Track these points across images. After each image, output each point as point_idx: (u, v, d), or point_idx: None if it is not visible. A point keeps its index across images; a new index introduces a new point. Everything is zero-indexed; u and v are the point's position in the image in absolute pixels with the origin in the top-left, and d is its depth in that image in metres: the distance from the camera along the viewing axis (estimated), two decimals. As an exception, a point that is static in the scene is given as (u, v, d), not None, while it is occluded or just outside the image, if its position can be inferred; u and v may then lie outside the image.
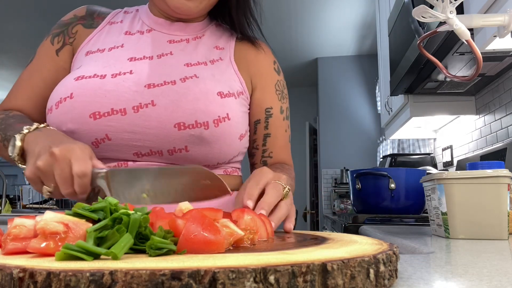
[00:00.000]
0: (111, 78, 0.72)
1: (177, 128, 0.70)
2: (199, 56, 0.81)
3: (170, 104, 0.70)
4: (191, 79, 0.74)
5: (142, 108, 0.70)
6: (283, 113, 0.89)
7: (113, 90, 0.71)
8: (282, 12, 3.77)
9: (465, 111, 2.00)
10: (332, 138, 4.55)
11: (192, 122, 0.70)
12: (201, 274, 0.25)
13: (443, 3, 0.78)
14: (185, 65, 0.77)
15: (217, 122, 0.72)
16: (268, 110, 0.86)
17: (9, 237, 0.35)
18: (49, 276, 0.25)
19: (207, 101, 0.72)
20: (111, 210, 0.38)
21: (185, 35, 0.84)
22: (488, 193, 0.78)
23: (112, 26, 0.85)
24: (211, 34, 0.87)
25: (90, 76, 0.73)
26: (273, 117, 0.86)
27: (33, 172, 0.60)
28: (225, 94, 0.75)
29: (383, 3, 2.73)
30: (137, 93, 0.71)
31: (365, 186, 1.67)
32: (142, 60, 0.77)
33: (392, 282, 0.33)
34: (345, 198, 3.97)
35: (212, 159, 0.75)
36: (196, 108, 0.71)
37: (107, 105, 0.70)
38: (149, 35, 0.82)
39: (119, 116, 0.70)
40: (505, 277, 0.39)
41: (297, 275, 0.27)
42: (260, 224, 0.45)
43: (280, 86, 0.90)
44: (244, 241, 0.40)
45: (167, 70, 0.75)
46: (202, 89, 0.73)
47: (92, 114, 0.70)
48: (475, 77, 0.87)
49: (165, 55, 0.79)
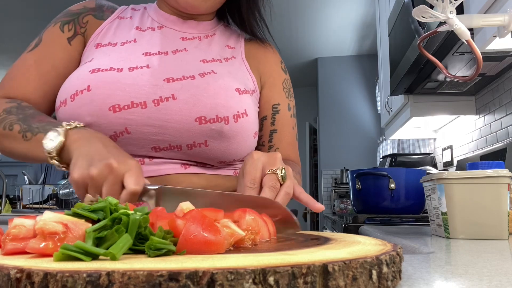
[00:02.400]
0: (128, 72, 0.71)
1: (198, 122, 0.70)
2: (213, 54, 0.81)
3: (191, 98, 0.70)
4: (210, 75, 0.74)
5: (163, 102, 0.70)
6: (290, 110, 0.89)
7: (132, 84, 0.70)
8: (282, 12, 3.77)
9: (465, 111, 2.00)
10: (332, 138, 4.55)
11: (213, 117, 0.70)
12: (199, 275, 0.25)
13: (443, 3, 0.78)
14: (201, 61, 0.78)
15: (237, 118, 0.72)
16: (275, 106, 0.86)
17: (9, 237, 0.35)
18: (46, 277, 0.25)
19: (227, 96, 0.72)
20: (111, 210, 0.37)
21: (197, 33, 0.84)
22: (488, 193, 0.78)
23: (121, 20, 0.84)
24: (221, 34, 0.88)
25: (106, 69, 0.71)
26: (280, 113, 0.86)
27: (83, 178, 0.56)
28: (242, 91, 0.77)
29: (383, 3, 2.72)
30: (157, 87, 0.71)
31: (365, 186, 1.67)
32: (157, 55, 0.76)
33: (396, 283, 0.33)
34: (345, 198, 3.97)
35: (229, 155, 0.75)
36: (217, 103, 0.71)
37: (127, 98, 0.69)
38: (161, 31, 0.82)
39: (140, 109, 0.69)
40: (505, 277, 0.39)
41: (297, 276, 0.26)
42: (262, 224, 0.45)
43: (287, 85, 0.91)
44: (246, 242, 0.40)
45: (184, 65, 0.76)
46: (221, 84, 0.73)
47: (112, 107, 0.68)
48: (475, 77, 0.87)
49: (180, 51, 0.79)
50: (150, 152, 0.72)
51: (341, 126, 4.56)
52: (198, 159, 0.74)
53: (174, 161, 0.73)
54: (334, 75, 4.70)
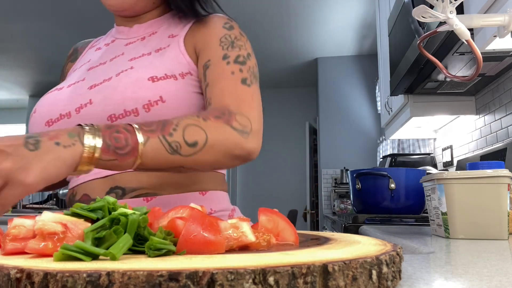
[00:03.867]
0: (66, 88, 0.79)
1: (110, 121, 0.71)
2: (147, 49, 0.81)
3: (104, 99, 0.72)
4: (125, 72, 0.75)
5: (83, 108, 0.73)
6: (227, 59, 0.75)
7: (63, 98, 0.76)
8: (282, 12, 3.76)
9: (465, 111, 2.00)
10: (332, 138, 4.55)
11: (121, 112, 0.70)
12: (199, 275, 0.25)
13: (443, 3, 0.78)
14: (130, 60, 0.79)
15: (148, 107, 0.69)
16: (206, 63, 0.76)
17: (8, 237, 0.35)
18: (46, 277, 0.25)
19: (136, 88, 0.71)
20: (109, 209, 0.37)
21: (141, 34, 0.86)
22: (488, 193, 0.78)
23: (91, 49, 0.92)
24: (168, 26, 0.86)
25: (52, 91, 0.81)
26: (211, 66, 0.75)
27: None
28: (160, 77, 0.72)
29: (383, 3, 2.72)
30: (80, 96, 0.75)
31: (365, 186, 1.67)
32: (97, 67, 0.82)
33: (396, 283, 0.33)
34: (345, 198, 3.97)
35: None
36: (124, 98, 0.71)
37: (56, 112, 0.75)
38: (112, 44, 0.88)
39: (66, 120, 0.74)
40: (505, 277, 0.39)
41: (297, 276, 0.26)
42: (284, 226, 0.42)
43: (228, 38, 0.78)
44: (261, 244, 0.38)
45: (110, 69, 0.78)
46: (132, 78, 0.73)
47: (47, 122, 0.75)
48: (475, 77, 0.87)
49: (117, 57, 0.82)
50: None
51: (341, 126, 4.56)
52: None
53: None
54: (334, 75, 4.70)
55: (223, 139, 0.62)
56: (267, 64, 5.02)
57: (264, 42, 4.37)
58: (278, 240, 0.42)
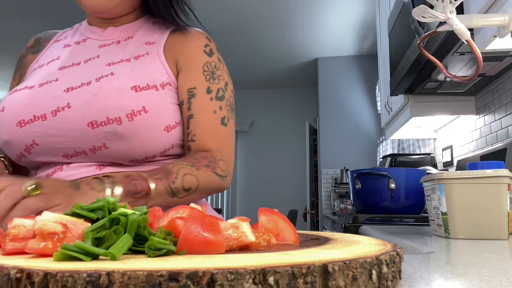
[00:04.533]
0: (38, 88, 0.76)
1: (91, 127, 0.71)
2: (124, 54, 0.81)
3: (84, 104, 0.72)
4: (106, 78, 0.75)
5: (60, 112, 0.73)
6: (210, 93, 0.82)
7: (35, 98, 0.74)
8: (282, 12, 3.76)
9: (465, 111, 2.00)
10: (332, 138, 4.55)
11: (103, 119, 0.71)
12: (199, 275, 0.25)
13: (443, 3, 0.78)
14: (107, 65, 0.78)
15: (131, 116, 0.71)
16: (191, 90, 0.81)
17: (8, 237, 0.35)
18: (46, 277, 0.25)
19: (119, 96, 0.72)
20: (109, 209, 0.37)
21: (116, 37, 0.86)
22: (488, 193, 0.78)
23: (56, 43, 0.89)
24: (144, 32, 0.87)
25: (21, 89, 0.78)
26: (197, 97, 0.80)
27: None
28: (142, 87, 0.74)
29: (383, 3, 2.72)
30: (56, 98, 0.74)
31: (365, 186, 1.67)
32: (70, 67, 0.80)
33: (396, 283, 0.33)
34: (345, 198, 3.97)
35: (136, 154, 0.74)
36: (107, 105, 0.71)
37: (30, 112, 0.73)
38: (84, 43, 0.86)
39: (41, 122, 0.73)
40: (505, 277, 0.39)
41: (297, 276, 0.26)
42: (284, 226, 0.42)
43: (210, 67, 0.84)
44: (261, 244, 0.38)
45: (87, 72, 0.77)
46: (114, 85, 0.73)
47: (19, 123, 0.73)
48: (475, 77, 0.87)
49: (92, 59, 0.81)
50: (63, 159, 0.75)
51: (341, 126, 4.56)
52: (108, 160, 0.75)
53: (89, 164, 0.75)
54: (334, 75, 4.70)
55: (209, 184, 0.76)
56: (267, 64, 5.02)
57: (264, 42, 4.37)
58: (278, 240, 0.42)
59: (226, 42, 4.34)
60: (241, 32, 4.12)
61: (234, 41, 4.35)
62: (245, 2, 3.56)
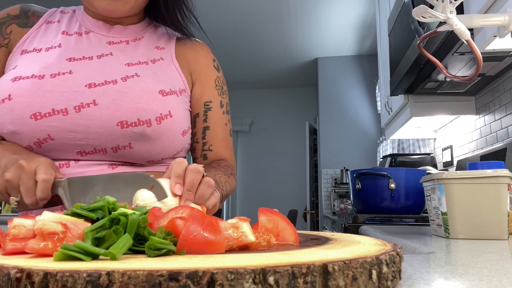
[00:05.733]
0: (50, 78, 0.72)
1: (120, 127, 0.72)
2: (140, 56, 0.82)
3: (112, 103, 0.72)
4: (132, 78, 0.75)
5: (84, 108, 0.72)
6: (223, 107, 0.90)
7: (52, 91, 0.71)
8: (282, 12, 3.76)
9: (465, 111, 2.00)
10: (332, 138, 4.55)
11: (134, 120, 0.72)
12: (199, 275, 0.25)
13: (443, 3, 0.78)
14: (126, 65, 0.78)
15: (159, 120, 0.74)
16: (207, 103, 0.87)
17: (9, 237, 0.35)
18: (46, 277, 0.25)
19: (149, 99, 0.74)
20: (109, 209, 0.37)
21: (124, 37, 0.85)
22: (488, 193, 0.78)
23: (49, 25, 0.84)
24: (150, 36, 0.88)
25: (28, 76, 0.72)
26: (212, 111, 0.88)
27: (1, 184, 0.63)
28: (167, 92, 0.78)
29: (383, 3, 2.72)
30: (78, 93, 0.72)
31: (365, 186, 1.67)
32: (81, 61, 0.77)
33: (396, 283, 0.33)
34: (345, 198, 3.97)
35: (156, 155, 0.76)
36: (138, 107, 0.72)
37: (47, 105, 0.70)
38: (87, 36, 0.83)
39: (61, 116, 0.71)
40: (505, 277, 0.39)
41: (297, 276, 0.26)
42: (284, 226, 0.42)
43: (219, 82, 0.92)
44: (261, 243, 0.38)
45: (108, 70, 0.76)
46: (143, 87, 0.75)
47: (33, 115, 0.70)
48: (475, 77, 0.87)
49: (105, 56, 0.80)
50: (76, 156, 0.74)
51: (341, 126, 4.56)
52: (125, 159, 0.76)
53: (101, 162, 0.75)
54: (334, 75, 4.70)
55: (233, 189, 0.83)
56: (267, 64, 5.02)
57: (264, 42, 4.37)
58: (278, 240, 0.42)
59: (226, 42, 4.34)
60: (241, 32, 4.12)
61: (234, 41, 4.35)
62: (245, 2, 3.56)
